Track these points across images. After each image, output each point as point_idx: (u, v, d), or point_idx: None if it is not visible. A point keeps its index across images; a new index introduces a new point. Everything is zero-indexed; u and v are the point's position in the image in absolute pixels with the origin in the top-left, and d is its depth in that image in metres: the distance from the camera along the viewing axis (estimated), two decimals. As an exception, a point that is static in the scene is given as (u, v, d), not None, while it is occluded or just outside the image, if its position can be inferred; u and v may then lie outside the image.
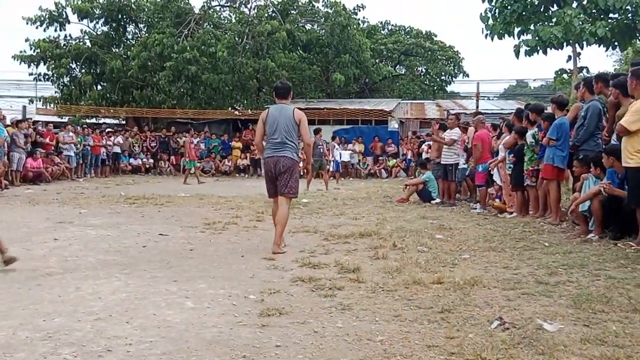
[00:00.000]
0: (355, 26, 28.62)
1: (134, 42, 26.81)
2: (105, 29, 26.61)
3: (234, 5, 26.99)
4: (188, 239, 7.22)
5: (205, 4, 26.65)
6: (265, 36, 24.36)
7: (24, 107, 26.69)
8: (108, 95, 25.97)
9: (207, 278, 5.09)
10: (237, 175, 22.59)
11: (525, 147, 9.14)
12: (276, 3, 27.26)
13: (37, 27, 24.92)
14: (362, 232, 7.57)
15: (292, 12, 27.72)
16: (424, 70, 37.84)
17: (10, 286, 4.73)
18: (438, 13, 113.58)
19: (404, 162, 22.40)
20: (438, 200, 11.87)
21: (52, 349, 3.27)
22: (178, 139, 23.27)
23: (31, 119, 19.77)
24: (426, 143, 15.34)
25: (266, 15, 25.66)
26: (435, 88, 36.82)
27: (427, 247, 6.58)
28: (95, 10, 25.54)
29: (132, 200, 11.79)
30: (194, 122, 25.54)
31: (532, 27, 16.79)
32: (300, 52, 28.70)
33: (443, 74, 36.92)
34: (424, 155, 14.53)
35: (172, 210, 10.32)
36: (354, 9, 29.22)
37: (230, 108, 26.98)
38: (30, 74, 25.91)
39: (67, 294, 4.49)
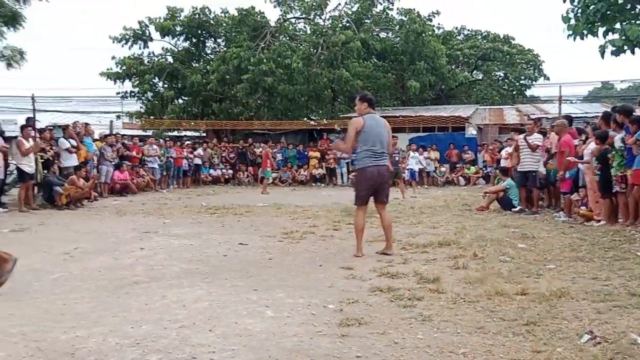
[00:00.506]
0: (430, 32, 28.25)
1: (213, 57, 27.69)
2: (186, 44, 27.63)
3: (309, 17, 27.31)
4: (267, 248, 7.33)
5: (280, 16, 27.15)
6: (339, 46, 24.49)
7: (111, 122, 28.19)
8: (189, 108, 26.95)
9: (286, 287, 5.14)
10: (313, 184, 22.77)
11: (613, 152, 8.67)
12: (350, 13, 27.37)
13: (122, 46, 26.24)
14: (441, 241, 7.43)
15: (366, 21, 27.73)
16: (502, 75, 36.84)
17: (100, 294, 4.96)
18: (515, 16, 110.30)
19: (482, 169, 21.82)
20: (519, 208, 11.46)
21: (140, 355, 3.40)
22: (255, 150, 23.76)
23: (118, 133, 20.77)
24: (505, 150, 14.88)
25: (340, 25, 25.82)
26: (514, 93, 35.74)
27: (509, 256, 6.37)
28: (176, 28, 26.58)
29: (213, 211, 12.12)
30: (271, 132, 26.01)
31: (618, 26, 15.94)
32: (375, 60, 28.68)
33: (522, 77, 35.80)
34: (502, 163, 14.10)
35: (251, 220, 10.52)
36: (429, 15, 28.87)
37: (305, 118, 27.31)
38: (118, 93, 27.30)
39: (153, 302, 4.66)
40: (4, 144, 12.05)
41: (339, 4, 27.34)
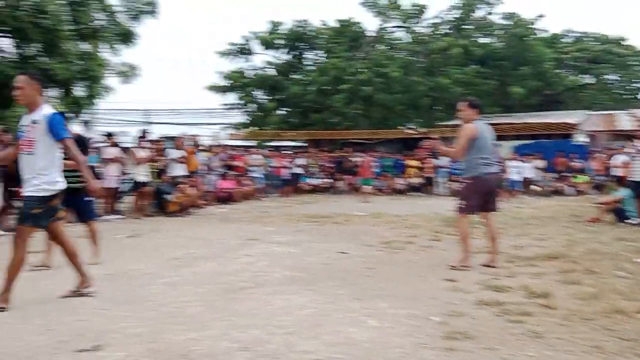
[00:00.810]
0: (534, 36, 27.20)
1: (312, 68, 28.25)
2: (286, 57, 28.40)
3: (407, 25, 27.18)
4: (367, 258, 7.33)
5: (379, 26, 27.22)
6: (439, 53, 24.16)
7: (216, 133, 29.47)
8: (289, 119, 27.63)
9: (387, 297, 5.11)
10: (410, 193, 22.50)
11: None
12: (450, 19, 26.94)
13: (227, 60, 27.43)
14: (550, 254, 7.09)
15: (466, 27, 27.18)
16: (616, 79, 34.67)
17: (209, 298, 5.17)
18: (628, 17, 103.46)
19: (593, 178, 20.60)
20: (637, 220, 10.70)
21: (249, 359, 3.50)
22: (353, 159, 23.86)
23: (223, 143, 21.65)
24: (618, 157, 13.96)
25: (440, 32, 25.47)
26: (629, 97, 33.53)
27: (626, 272, 5.96)
28: (278, 41, 27.38)
29: (313, 219, 12.27)
30: (369, 141, 26.07)
31: None
32: (475, 66, 28.02)
33: (636, 80, 33.52)
34: (615, 171, 13.22)
35: (350, 229, 10.55)
36: (533, 18, 27.81)
37: (403, 126, 27.14)
38: (223, 105, 28.54)
39: (259, 308, 4.79)
40: (120, 154, 12.92)
41: (438, 11, 27.04)
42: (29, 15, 12.31)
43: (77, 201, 6.85)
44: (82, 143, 6.79)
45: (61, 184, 4.93)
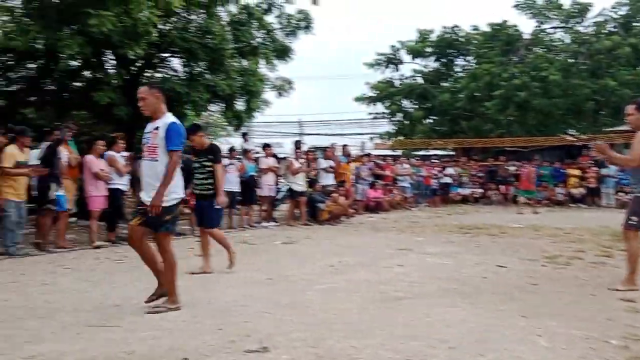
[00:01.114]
0: None
1: (462, 75, 27.55)
2: (435, 65, 27.99)
3: (568, 25, 25.49)
4: (529, 273, 6.89)
5: (536, 27, 25.84)
6: (604, 54, 22.34)
7: (363, 142, 29.81)
8: (438, 127, 27.15)
9: (556, 316, 4.74)
10: (571, 205, 20.97)
11: None
12: (617, 17, 24.81)
13: (375, 71, 27.66)
14: None
15: (636, 24, 24.86)
16: None
17: (366, 307, 5.16)
18: None
19: None
20: None
21: (412, 371, 3.42)
22: (507, 168, 22.80)
23: (370, 153, 21.78)
24: None
25: (605, 31, 23.56)
26: None
27: None
28: (427, 49, 27.09)
29: (465, 230, 11.89)
30: (524, 150, 24.76)
31: None
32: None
33: None
34: None
35: (507, 241, 10.04)
36: None
37: (562, 133, 25.41)
38: (369, 114, 28.84)
39: (417, 319, 4.68)
40: (275, 164, 13.50)
41: (603, 9, 25.04)
42: (196, 37, 13.35)
43: (203, 207, 7.16)
44: (213, 152, 7.14)
45: (182, 191, 5.10)
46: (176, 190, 4.97)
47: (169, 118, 5.00)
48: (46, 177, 8.77)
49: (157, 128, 4.93)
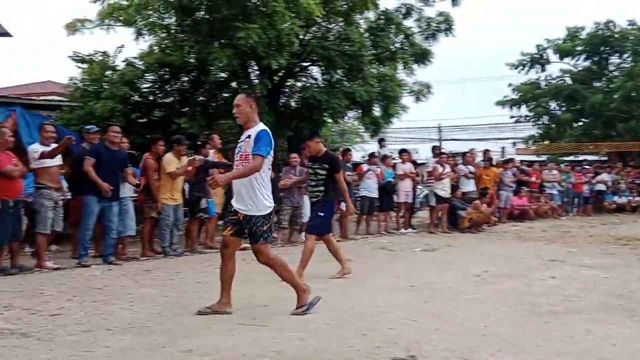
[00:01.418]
0: None
1: (617, 74, 25.40)
2: (586, 64, 26.11)
3: None
4: None
5: None
6: None
7: (503, 148, 28.49)
8: (589, 130, 25.24)
9: None
10: None
11: None
12: None
13: (519, 72, 26.33)
14: None
15: None
16: None
17: (518, 319, 4.86)
18: None
19: None
20: None
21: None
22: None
23: (513, 158, 20.72)
24: None
25: None
26: None
27: None
28: (576, 48, 25.35)
29: (624, 241, 10.89)
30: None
31: None
32: None
33: None
34: None
35: (676, 255, 9.02)
36: None
37: None
38: (512, 117, 27.51)
39: (576, 335, 4.32)
40: (413, 169, 13.27)
41: None
42: (335, 45, 13.52)
43: (311, 214, 7.12)
44: (330, 162, 6.99)
45: (272, 200, 5.06)
46: (269, 199, 5.02)
47: (260, 126, 5.04)
48: (198, 188, 9.40)
49: (249, 137, 4.99)
